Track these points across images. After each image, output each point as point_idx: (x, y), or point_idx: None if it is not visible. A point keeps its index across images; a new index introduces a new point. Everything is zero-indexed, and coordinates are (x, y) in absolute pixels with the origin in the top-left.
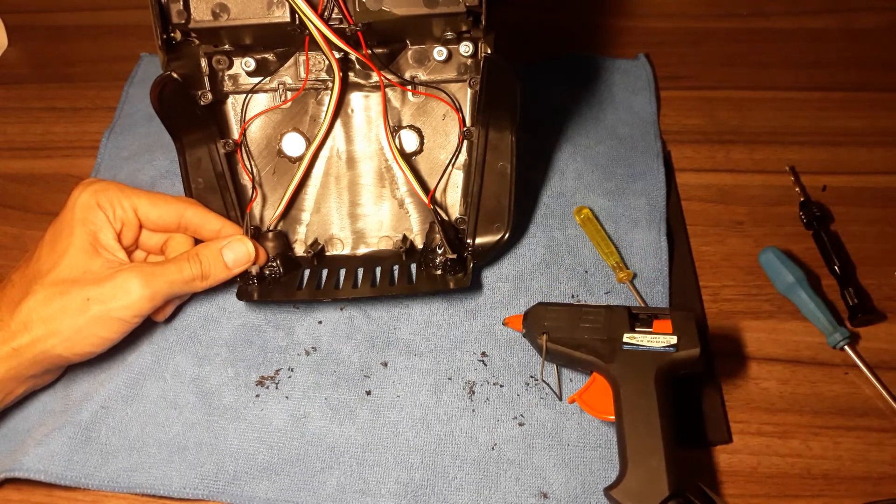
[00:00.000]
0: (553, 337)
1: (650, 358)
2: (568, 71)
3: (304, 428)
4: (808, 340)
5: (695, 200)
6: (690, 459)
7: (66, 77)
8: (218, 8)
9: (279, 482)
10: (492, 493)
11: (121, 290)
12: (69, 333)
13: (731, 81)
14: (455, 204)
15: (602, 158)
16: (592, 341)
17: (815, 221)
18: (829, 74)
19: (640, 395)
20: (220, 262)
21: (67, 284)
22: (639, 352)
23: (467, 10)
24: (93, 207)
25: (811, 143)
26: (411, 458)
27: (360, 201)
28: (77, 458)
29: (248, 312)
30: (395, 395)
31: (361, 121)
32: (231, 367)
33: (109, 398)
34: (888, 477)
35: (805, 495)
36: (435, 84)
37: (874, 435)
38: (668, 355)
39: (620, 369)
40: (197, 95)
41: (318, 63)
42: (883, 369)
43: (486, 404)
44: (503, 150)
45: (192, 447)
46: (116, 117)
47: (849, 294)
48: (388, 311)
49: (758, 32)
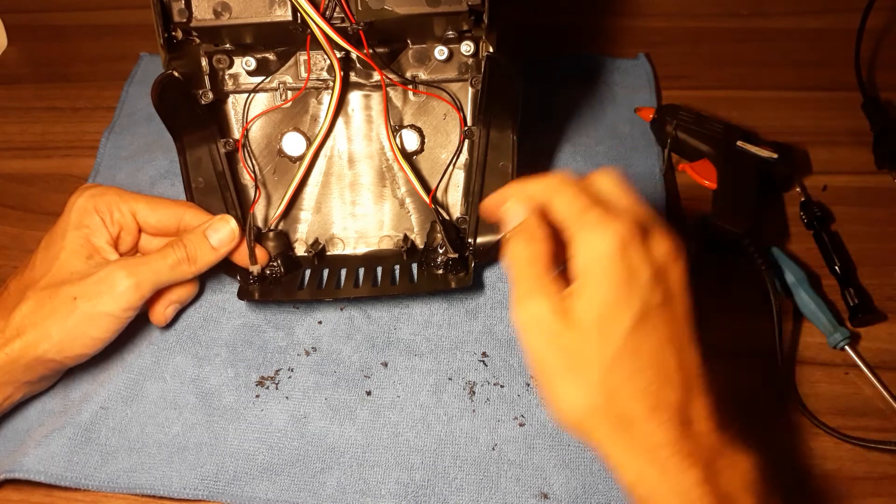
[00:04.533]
0: (681, 126)
1: (754, 158)
2: (568, 70)
3: (304, 428)
4: (808, 340)
5: (695, 200)
6: None
7: (65, 77)
8: (220, 7)
9: (279, 483)
10: (492, 494)
11: (105, 284)
12: (60, 336)
13: (731, 81)
14: (456, 203)
15: (602, 158)
16: (713, 137)
17: (816, 221)
18: (830, 74)
19: (741, 176)
20: (206, 244)
21: (56, 287)
22: (747, 152)
23: (469, 10)
24: (89, 212)
25: (811, 142)
26: (412, 458)
27: (360, 201)
28: (77, 458)
29: (248, 312)
30: (395, 396)
31: (362, 120)
32: (231, 367)
33: (109, 399)
34: (889, 477)
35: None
36: (436, 83)
37: (875, 435)
38: (768, 162)
39: (731, 157)
40: (197, 95)
41: (319, 62)
42: (883, 369)
43: (486, 405)
44: (504, 149)
45: (192, 448)
46: (116, 117)
47: (849, 294)
48: (389, 311)
49: (758, 32)
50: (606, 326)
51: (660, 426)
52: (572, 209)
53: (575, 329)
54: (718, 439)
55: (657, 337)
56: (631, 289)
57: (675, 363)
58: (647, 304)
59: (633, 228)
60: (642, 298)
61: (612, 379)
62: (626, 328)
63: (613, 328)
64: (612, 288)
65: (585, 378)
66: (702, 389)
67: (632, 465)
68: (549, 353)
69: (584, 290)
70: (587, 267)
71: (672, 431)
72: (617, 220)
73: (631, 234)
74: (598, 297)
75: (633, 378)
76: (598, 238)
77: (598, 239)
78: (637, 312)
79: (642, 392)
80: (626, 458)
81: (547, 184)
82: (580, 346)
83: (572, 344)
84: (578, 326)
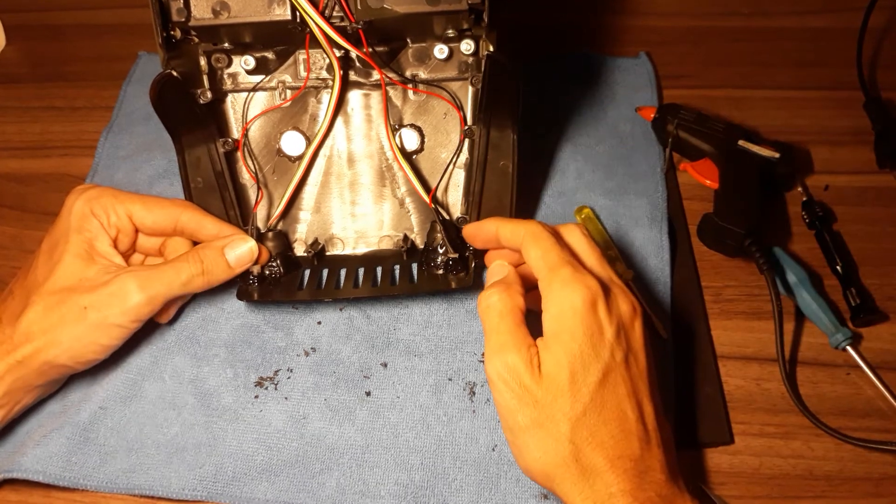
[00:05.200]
0: (682, 125)
1: (755, 158)
2: (569, 69)
3: (304, 429)
4: (810, 341)
5: (696, 200)
6: (691, 460)
7: (63, 76)
8: (218, 6)
9: (278, 483)
10: (492, 495)
11: (117, 297)
12: (69, 343)
13: (732, 80)
14: (456, 203)
15: (603, 157)
16: (714, 136)
17: (818, 221)
18: (831, 73)
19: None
20: (222, 261)
21: (65, 293)
22: (749, 152)
23: (469, 8)
24: (87, 216)
25: (812, 142)
26: (411, 459)
27: (360, 200)
28: (75, 458)
29: (247, 313)
30: (394, 396)
31: (362, 119)
32: (230, 367)
33: (108, 399)
34: (890, 478)
35: (807, 496)
36: (436, 82)
37: (876, 436)
38: (770, 162)
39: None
40: (196, 94)
41: (319, 61)
42: (885, 370)
43: (486, 405)
44: (505, 148)
45: (190, 448)
46: (114, 116)
47: (851, 294)
48: (388, 311)
49: (759, 31)
50: (577, 381)
51: (619, 476)
52: (546, 262)
53: (546, 383)
54: (670, 489)
55: (620, 392)
56: (599, 345)
57: (634, 416)
58: (612, 359)
59: (599, 288)
60: (609, 354)
61: (579, 432)
62: (594, 383)
63: (583, 383)
64: (583, 343)
65: (555, 431)
66: (657, 442)
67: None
68: (521, 407)
69: (556, 344)
70: (559, 320)
71: (630, 482)
72: (587, 278)
73: (598, 293)
74: (569, 352)
75: (598, 431)
76: (569, 294)
77: (570, 294)
78: (603, 367)
79: (605, 444)
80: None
81: (522, 232)
82: (550, 401)
83: (543, 398)
84: (549, 381)
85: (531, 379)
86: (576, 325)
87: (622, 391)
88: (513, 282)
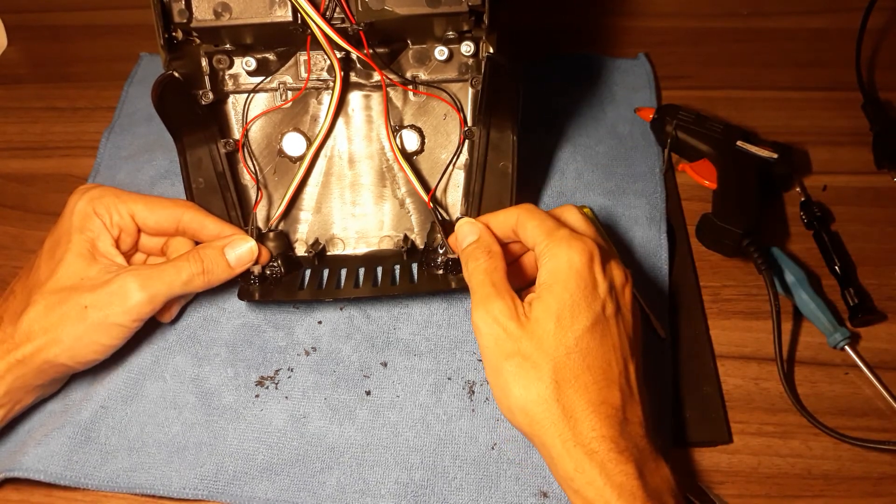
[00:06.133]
0: (681, 126)
1: (754, 158)
2: (568, 70)
3: (304, 428)
4: (808, 340)
5: (695, 200)
6: (690, 460)
7: (65, 77)
8: (220, 7)
9: (279, 482)
10: (492, 493)
11: (118, 296)
12: (70, 342)
13: (731, 81)
14: (456, 203)
15: (602, 158)
16: (713, 137)
17: (816, 221)
18: (830, 74)
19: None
20: (223, 261)
21: (66, 292)
22: (748, 152)
23: (469, 10)
24: (90, 215)
25: (811, 142)
26: (411, 458)
27: (361, 201)
28: (76, 458)
29: (248, 312)
30: (394, 396)
31: (362, 120)
32: (231, 367)
33: (109, 398)
34: (888, 477)
35: (805, 495)
36: (436, 83)
37: (874, 435)
38: (768, 162)
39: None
40: (198, 95)
41: (319, 62)
42: (883, 369)
43: (486, 404)
44: (504, 149)
45: (191, 447)
46: (116, 117)
47: (849, 294)
48: (388, 311)
49: (758, 32)
50: (563, 326)
51: (601, 421)
52: (543, 229)
53: (531, 327)
54: (648, 445)
55: (607, 342)
56: (591, 297)
57: (618, 369)
58: (604, 311)
59: (596, 249)
60: (599, 307)
61: (561, 372)
62: (580, 329)
63: (569, 328)
64: (575, 294)
65: (537, 369)
66: (638, 398)
67: (571, 457)
68: (504, 347)
69: (547, 293)
70: (554, 274)
71: (612, 428)
72: (584, 239)
73: (595, 253)
74: (559, 300)
75: (581, 375)
76: (567, 250)
77: (567, 251)
78: (592, 317)
79: (588, 387)
80: (565, 449)
81: (516, 212)
82: (535, 343)
83: (527, 341)
84: (535, 325)
85: (516, 324)
86: (569, 278)
87: (608, 343)
88: (492, 242)
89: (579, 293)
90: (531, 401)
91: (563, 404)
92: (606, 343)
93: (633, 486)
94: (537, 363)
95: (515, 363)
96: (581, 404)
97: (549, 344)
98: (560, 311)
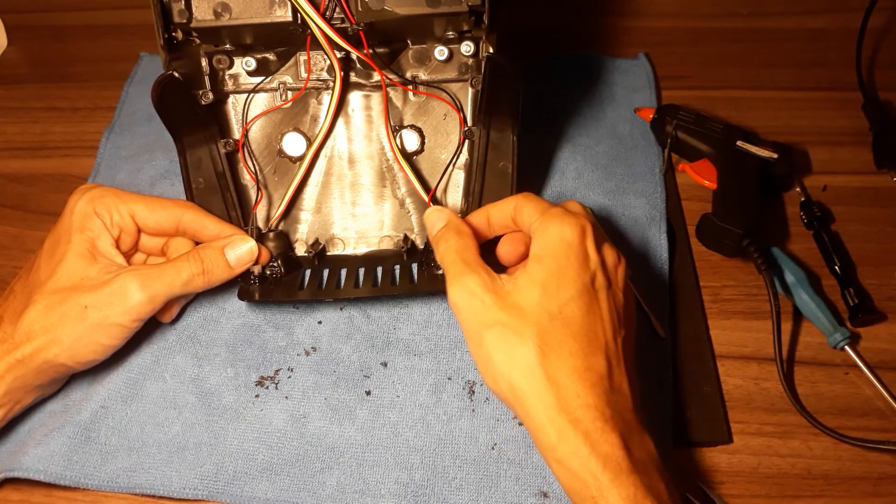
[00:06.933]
0: (681, 126)
1: (754, 158)
2: (568, 70)
3: (304, 428)
4: (808, 340)
5: (695, 200)
6: (690, 460)
7: (65, 77)
8: (220, 7)
9: (279, 482)
10: (492, 493)
11: (118, 296)
12: (70, 342)
13: (731, 81)
14: (456, 203)
15: (602, 158)
16: (713, 137)
17: (816, 221)
18: (830, 74)
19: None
20: (223, 261)
21: (66, 292)
22: (747, 152)
23: (469, 10)
24: (90, 215)
25: (811, 142)
26: (411, 458)
27: (360, 201)
28: (77, 458)
29: (248, 312)
30: (394, 395)
31: (362, 120)
32: (231, 367)
33: (109, 398)
34: (888, 477)
35: (805, 495)
36: (436, 83)
37: (874, 435)
38: (768, 162)
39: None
40: (198, 95)
41: (319, 62)
42: (883, 369)
43: (486, 404)
44: (504, 149)
45: (191, 447)
46: (116, 117)
47: (849, 294)
48: (388, 310)
49: (758, 32)
50: (548, 294)
51: (586, 389)
52: (538, 209)
53: (514, 296)
54: (634, 418)
55: (595, 312)
56: (581, 269)
57: (605, 338)
58: (593, 283)
59: (591, 228)
60: (588, 279)
61: (545, 338)
62: (566, 298)
63: (554, 297)
64: (564, 265)
65: (519, 335)
66: (625, 371)
67: (554, 426)
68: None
69: (535, 264)
70: (545, 247)
71: (597, 397)
72: (580, 217)
73: (589, 230)
74: (547, 269)
75: (565, 341)
76: (559, 225)
77: (560, 225)
78: (582, 286)
79: (574, 353)
80: (549, 417)
81: (514, 198)
82: (516, 309)
83: (508, 308)
84: (518, 293)
85: (493, 296)
86: (559, 250)
87: (596, 313)
88: (461, 223)
89: (568, 263)
90: (515, 368)
91: (546, 370)
92: (594, 312)
93: (618, 456)
94: (519, 329)
95: (496, 332)
96: (565, 370)
97: (531, 310)
98: (546, 280)
